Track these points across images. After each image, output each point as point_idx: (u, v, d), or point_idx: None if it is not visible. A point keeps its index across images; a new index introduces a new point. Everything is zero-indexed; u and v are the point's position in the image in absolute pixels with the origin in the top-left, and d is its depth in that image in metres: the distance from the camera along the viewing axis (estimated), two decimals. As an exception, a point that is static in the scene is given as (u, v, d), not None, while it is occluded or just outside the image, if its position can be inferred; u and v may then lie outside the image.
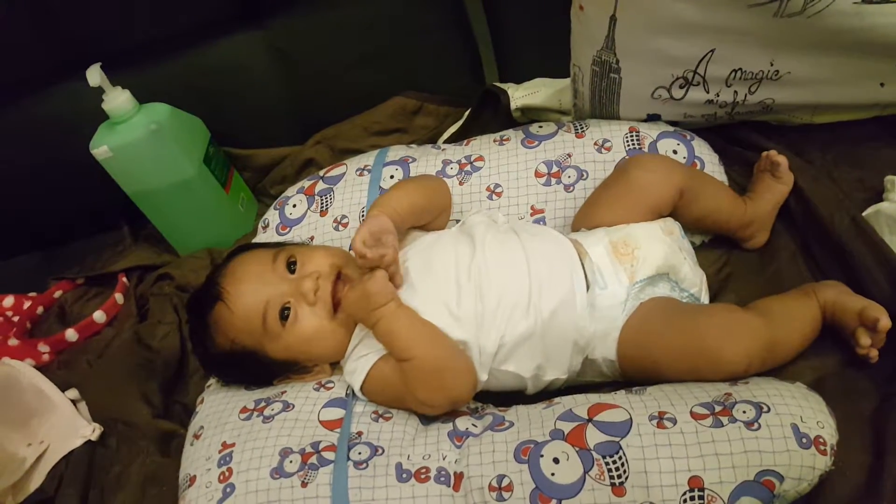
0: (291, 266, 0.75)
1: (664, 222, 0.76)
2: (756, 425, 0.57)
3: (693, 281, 0.74)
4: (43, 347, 0.96)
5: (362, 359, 0.71)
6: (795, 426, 0.57)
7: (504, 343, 0.68)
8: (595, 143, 0.85)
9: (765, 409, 0.59)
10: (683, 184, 0.76)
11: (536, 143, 0.87)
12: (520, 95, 1.00)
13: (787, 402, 0.59)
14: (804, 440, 0.57)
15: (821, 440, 0.57)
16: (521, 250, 0.72)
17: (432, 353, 0.67)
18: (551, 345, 0.69)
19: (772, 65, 0.77)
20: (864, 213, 0.75)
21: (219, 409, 0.74)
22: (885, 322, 0.62)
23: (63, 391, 0.87)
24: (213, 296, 0.74)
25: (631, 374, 0.69)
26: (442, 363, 0.67)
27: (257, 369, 0.75)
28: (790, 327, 0.67)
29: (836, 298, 0.67)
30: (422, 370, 0.67)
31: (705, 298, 0.75)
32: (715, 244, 0.82)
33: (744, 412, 0.59)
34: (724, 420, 0.58)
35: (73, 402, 0.87)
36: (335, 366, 0.77)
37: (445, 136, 1.05)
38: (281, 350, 0.73)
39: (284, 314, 0.72)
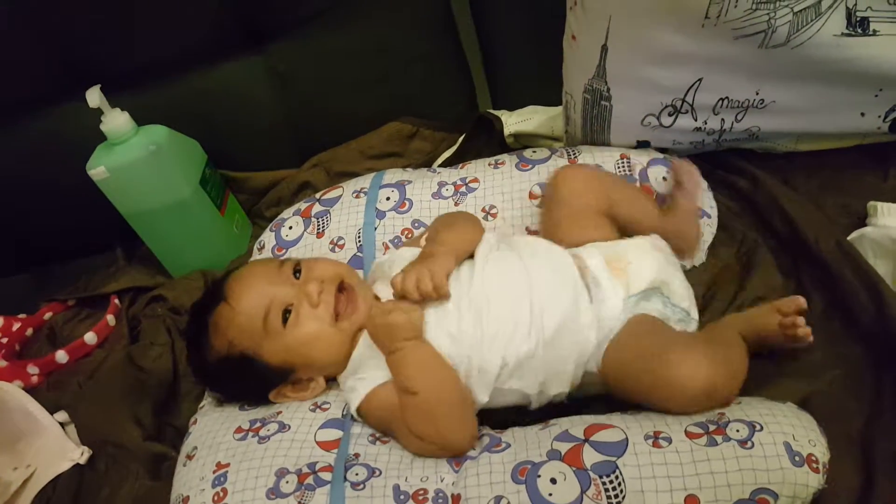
0: (297, 273, 0.76)
1: (653, 238, 0.77)
2: (749, 443, 0.58)
3: (683, 295, 0.74)
4: (32, 369, 0.94)
5: (363, 380, 0.71)
6: (788, 444, 0.58)
7: (506, 364, 0.68)
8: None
9: (757, 427, 0.59)
10: (607, 185, 0.80)
11: (530, 166, 0.89)
12: (513, 122, 1.02)
13: (779, 420, 0.60)
14: (797, 458, 0.58)
15: (813, 458, 0.58)
16: (522, 270, 0.72)
17: (436, 394, 0.67)
18: (553, 362, 0.69)
19: (757, 94, 0.80)
20: (848, 238, 0.77)
21: (213, 430, 0.73)
22: (802, 301, 0.67)
23: (52, 413, 0.86)
24: (217, 297, 0.75)
25: (610, 388, 0.69)
26: (443, 407, 0.67)
27: (252, 377, 0.74)
28: (739, 366, 0.67)
29: (746, 316, 0.71)
30: (422, 408, 0.66)
31: (695, 313, 0.75)
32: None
33: (737, 431, 0.59)
34: (719, 439, 0.59)
35: (62, 424, 0.86)
36: (331, 382, 0.76)
37: (440, 160, 1.06)
38: (279, 351, 0.72)
39: (286, 316, 0.72)
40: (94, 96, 0.88)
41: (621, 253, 0.74)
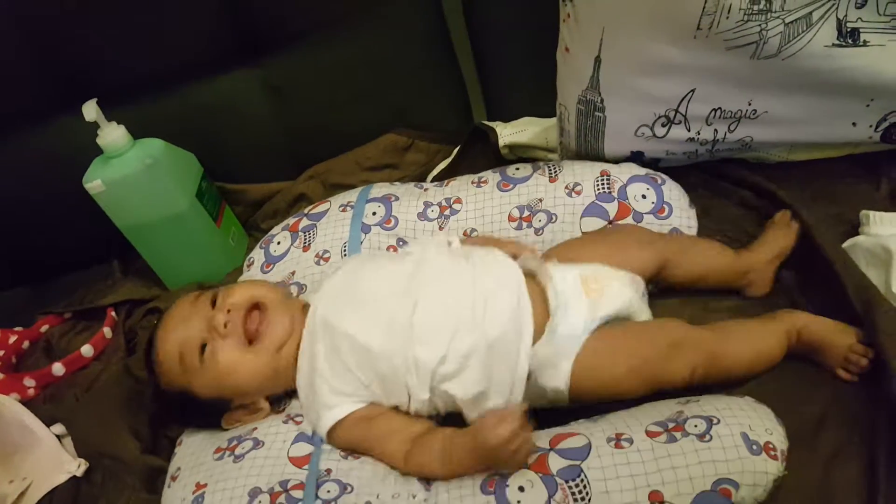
0: (214, 303, 0.76)
1: (632, 276, 0.76)
2: (708, 437, 0.60)
3: None
4: (29, 381, 0.94)
5: (329, 410, 0.70)
6: (745, 434, 0.60)
7: (446, 359, 0.67)
8: (566, 187, 0.87)
9: (714, 421, 0.61)
10: (664, 254, 0.78)
11: (511, 186, 0.89)
12: (508, 133, 1.02)
13: (736, 413, 0.62)
14: (754, 447, 0.59)
15: (770, 445, 0.60)
16: (468, 270, 0.73)
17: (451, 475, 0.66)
18: (495, 365, 0.68)
19: (750, 104, 0.80)
20: (842, 246, 0.77)
21: (195, 450, 0.74)
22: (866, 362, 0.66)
23: (49, 426, 0.86)
24: (148, 344, 0.78)
25: (582, 399, 0.69)
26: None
27: (198, 410, 0.76)
28: (740, 341, 0.69)
29: (813, 326, 0.69)
30: (432, 471, 0.66)
31: None
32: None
33: (695, 426, 0.61)
34: (678, 435, 0.61)
35: (59, 437, 0.86)
36: (280, 401, 0.77)
37: (435, 172, 1.06)
38: (206, 386, 0.73)
39: (203, 350, 0.73)
40: (90, 110, 0.88)
41: (599, 275, 0.74)
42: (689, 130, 0.84)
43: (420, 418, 0.70)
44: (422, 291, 0.71)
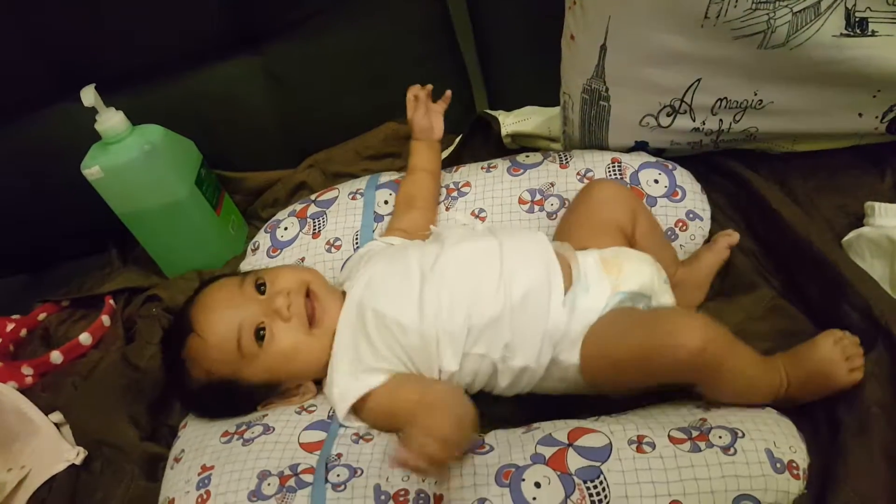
0: (260, 288, 0.76)
1: (654, 259, 0.76)
2: (732, 450, 0.59)
3: None
4: (26, 370, 0.94)
5: (354, 383, 0.70)
6: (769, 451, 0.59)
7: (473, 325, 0.68)
8: (578, 173, 0.87)
9: (740, 434, 0.60)
10: (635, 205, 0.80)
11: (522, 171, 0.90)
12: (510, 122, 1.02)
13: (761, 427, 0.61)
14: (778, 465, 0.58)
15: (794, 464, 0.59)
16: (495, 241, 0.73)
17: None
18: (520, 329, 0.68)
19: (756, 94, 0.80)
20: (846, 238, 0.77)
21: (200, 433, 0.73)
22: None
23: (47, 414, 0.85)
24: (185, 329, 0.74)
25: (593, 379, 0.68)
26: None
27: (238, 398, 0.75)
28: (746, 354, 0.64)
29: (803, 360, 0.64)
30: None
31: None
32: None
33: (720, 437, 0.60)
34: (702, 445, 0.60)
35: (57, 425, 0.85)
36: (320, 385, 0.76)
37: (437, 160, 1.06)
38: (261, 372, 0.73)
39: (260, 334, 0.72)
40: (89, 95, 0.87)
41: (619, 254, 0.74)
42: (694, 120, 0.83)
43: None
44: (449, 268, 0.71)
